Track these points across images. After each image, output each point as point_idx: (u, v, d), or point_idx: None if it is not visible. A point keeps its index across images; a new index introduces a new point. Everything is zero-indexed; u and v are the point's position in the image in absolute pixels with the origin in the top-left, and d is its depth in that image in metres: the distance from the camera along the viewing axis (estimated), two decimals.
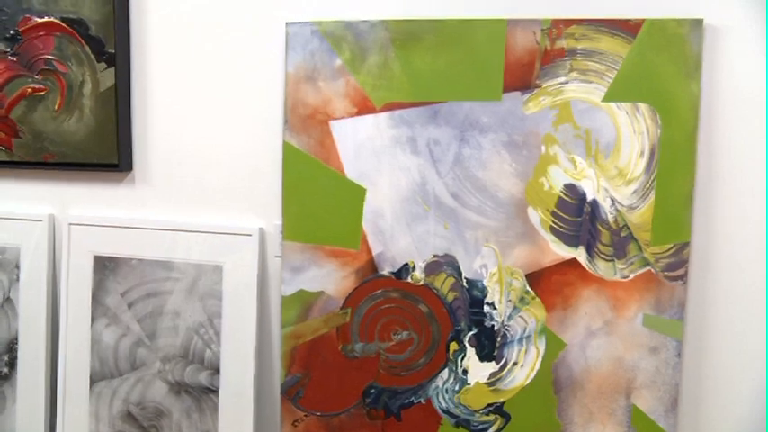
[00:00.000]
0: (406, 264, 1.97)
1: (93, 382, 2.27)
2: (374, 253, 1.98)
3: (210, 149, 2.15)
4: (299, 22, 2.00)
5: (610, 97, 1.84)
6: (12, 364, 2.38)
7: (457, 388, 1.96)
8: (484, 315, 1.94)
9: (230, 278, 2.10)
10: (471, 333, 1.95)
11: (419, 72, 1.94)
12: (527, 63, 1.88)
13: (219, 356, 2.12)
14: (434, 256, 1.96)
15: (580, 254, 1.89)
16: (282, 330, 2.05)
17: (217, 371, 2.12)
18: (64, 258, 2.29)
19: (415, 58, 1.93)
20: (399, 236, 1.96)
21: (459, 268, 1.94)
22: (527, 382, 1.94)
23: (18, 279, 2.37)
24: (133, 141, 2.24)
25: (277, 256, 2.10)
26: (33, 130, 2.32)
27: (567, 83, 1.86)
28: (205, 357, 2.13)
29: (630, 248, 1.86)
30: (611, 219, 1.86)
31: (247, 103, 2.10)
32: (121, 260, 2.23)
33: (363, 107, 1.97)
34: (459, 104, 1.92)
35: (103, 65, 2.20)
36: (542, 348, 1.92)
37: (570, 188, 1.88)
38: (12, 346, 2.38)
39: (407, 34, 1.93)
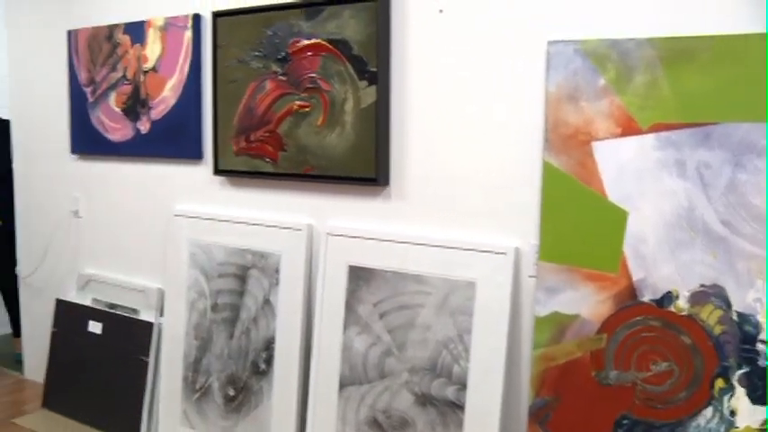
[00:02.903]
0: (669, 292, 2.04)
1: (342, 386, 2.59)
2: (634, 279, 2.08)
3: (467, 167, 2.37)
4: (562, 41, 2.15)
5: None
6: (269, 361, 2.78)
7: (722, 430, 2.00)
8: (757, 353, 1.96)
9: (482, 295, 2.30)
10: (741, 372, 1.98)
11: (689, 91, 2.00)
12: None
13: (468, 373, 2.32)
14: (701, 285, 2.01)
15: None
16: (533, 351, 2.21)
17: (464, 386, 2.33)
18: (320, 266, 2.64)
19: (685, 76, 2.00)
20: (662, 262, 2.04)
21: (728, 300, 1.98)
22: None
23: (277, 283, 2.76)
24: (391, 157, 2.52)
25: (531, 276, 2.27)
26: (297, 144, 2.69)
27: None
28: (453, 372, 2.35)
29: None
30: None
31: (505, 122, 2.29)
32: (375, 271, 2.52)
33: (628, 128, 2.07)
34: (735, 126, 1.96)
35: (365, 83, 2.51)
36: None
37: None
38: (269, 345, 2.78)
39: (677, 52, 2.01)
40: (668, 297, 2.04)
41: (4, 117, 4.06)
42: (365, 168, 2.52)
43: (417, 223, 2.48)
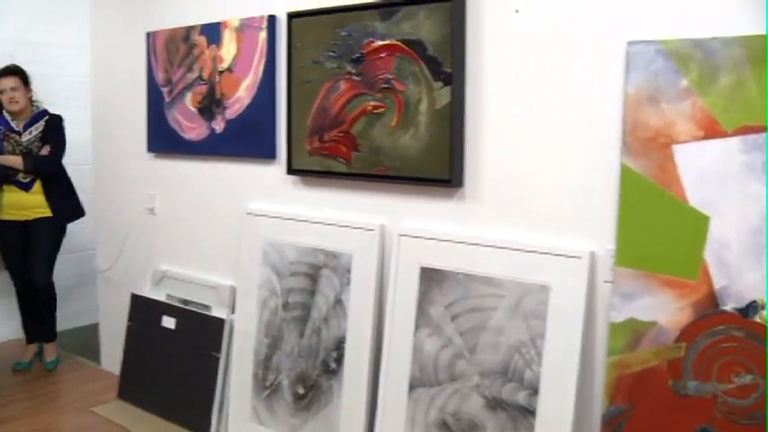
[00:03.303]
0: (754, 301, 1.99)
1: (412, 387, 2.60)
2: (716, 286, 2.03)
3: (542, 169, 2.36)
4: (642, 41, 2.12)
5: None
6: (339, 360, 2.82)
7: None
8: None
9: (556, 300, 2.29)
10: None
11: None
12: None
13: (540, 378, 2.31)
14: None
15: None
16: (608, 358, 2.19)
17: (536, 392, 2.32)
18: (392, 267, 2.66)
19: None
20: (747, 270, 2.00)
21: None
22: None
23: (349, 283, 2.80)
24: (465, 158, 2.53)
25: (607, 282, 2.24)
26: (371, 145, 2.72)
27: None
28: (525, 377, 2.35)
29: None
30: None
31: (582, 124, 2.27)
32: (448, 273, 2.53)
33: (711, 131, 2.03)
34: None
35: (440, 84, 2.52)
36: None
37: None
38: (340, 345, 2.82)
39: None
40: (753, 307, 1.99)
41: (56, 113, 4.14)
42: (439, 169, 2.53)
43: (491, 225, 2.48)
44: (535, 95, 2.36)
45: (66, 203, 4.14)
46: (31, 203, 4.03)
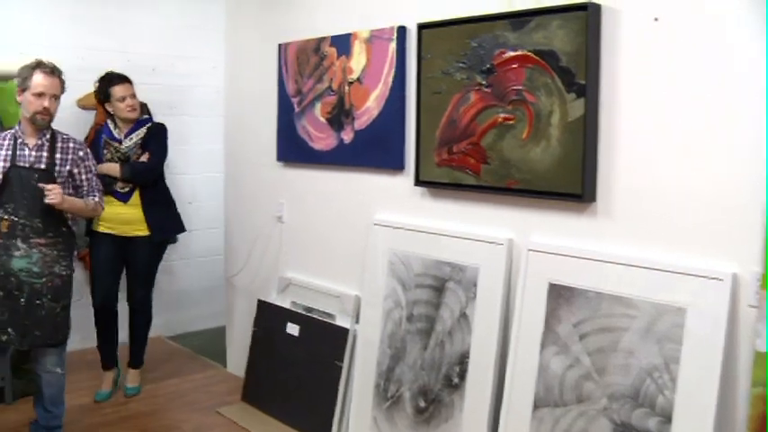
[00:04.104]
0: None
1: (536, 406, 2.58)
2: None
3: (681, 184, 2.29)
4: None
5: None
6: (462, 375, 2.83)
7: None
8: None
9: (693, 323, 2.21)
10: None
11: None
12: None
13: (673, 405, 2.24)
14: None
15: None
16: (752, 390, 2.09)
17: (668, 419, 2.25)
18: (519, 283, 2.65)
19: None
20: None
21: None
22: None
23: (474, 297, 2.81)
24: (598, 173, 2.49)
25: (752, 306, 2.14)
26: (501, 158, 2.72)
27: None
28: (657, 403, 2.28)
29: None
30: None
31: (725, 136, 2.19)
32: (577, 291, 2.49)
33: None
34: None
35: (573, 95, 2.50)
36: None
37: None
38: (463, 359, 2.83)
39: None
40: None
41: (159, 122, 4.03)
42: (571, 184, 2.51)
43: (624, 242, 2.43)
44: (675, 106, 2.30)
45: (165, 219, 3.99)
46: (128, 218, 3.84)
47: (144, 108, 4.00)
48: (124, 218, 3.84)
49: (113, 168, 3.79)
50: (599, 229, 2.50)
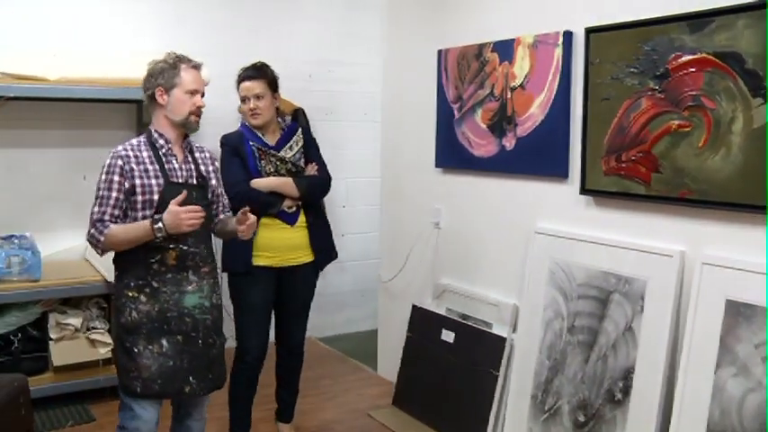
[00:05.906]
0: None
1: (710, 431, 2.46)
2: None
3: None
4: None
5: None
6: (626, 391, 2.74)
7: None
8: None
9: None
10: None
11: None
12: None
13: None
14: None
15: None
16: None
17: None
18: (692, 297, 2.54)
19: None
20: None
21: None
22: None
23: (642, 311, 2.72)
24: None
25: None
26: (674, 166, 2.63)
27: None
28: None
29: None
30: None
31: None
32: (759, 309, 2.36)
33: None
34: None
35: (759, 100, 2.37)
36: None
37: None
38: (628, 375, 2.74)
39: None
40: None
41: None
42: (753, 195, 2.38)
43: None
44: None
45: (327, 239, 3.42)
46: (295, 243, 3.23)
47: (300, 113, 3.98)
48: (291, 243, 3.24)
49: (288, 185, 3.19)
50: None
